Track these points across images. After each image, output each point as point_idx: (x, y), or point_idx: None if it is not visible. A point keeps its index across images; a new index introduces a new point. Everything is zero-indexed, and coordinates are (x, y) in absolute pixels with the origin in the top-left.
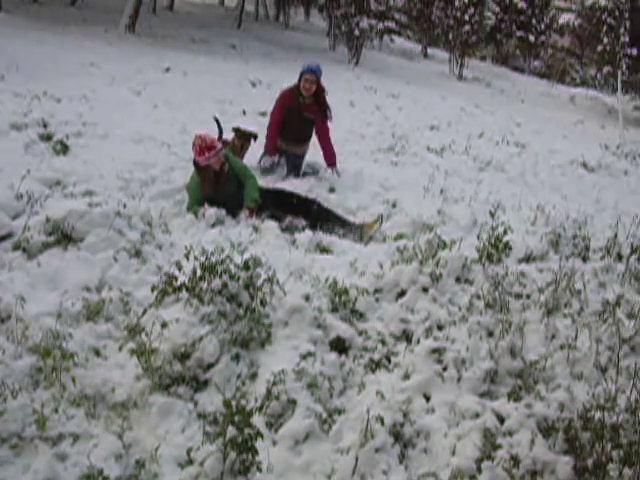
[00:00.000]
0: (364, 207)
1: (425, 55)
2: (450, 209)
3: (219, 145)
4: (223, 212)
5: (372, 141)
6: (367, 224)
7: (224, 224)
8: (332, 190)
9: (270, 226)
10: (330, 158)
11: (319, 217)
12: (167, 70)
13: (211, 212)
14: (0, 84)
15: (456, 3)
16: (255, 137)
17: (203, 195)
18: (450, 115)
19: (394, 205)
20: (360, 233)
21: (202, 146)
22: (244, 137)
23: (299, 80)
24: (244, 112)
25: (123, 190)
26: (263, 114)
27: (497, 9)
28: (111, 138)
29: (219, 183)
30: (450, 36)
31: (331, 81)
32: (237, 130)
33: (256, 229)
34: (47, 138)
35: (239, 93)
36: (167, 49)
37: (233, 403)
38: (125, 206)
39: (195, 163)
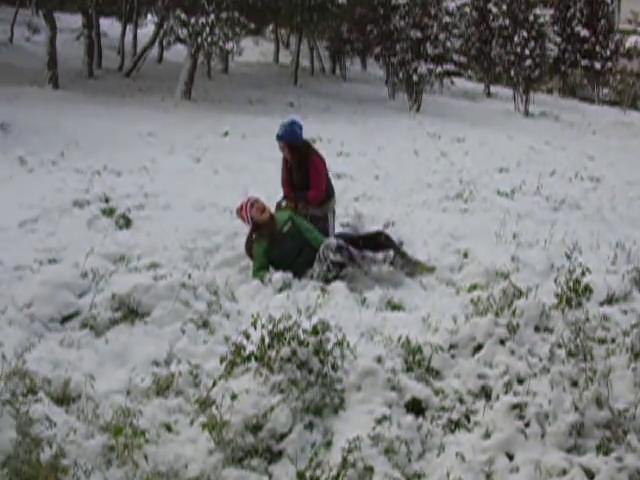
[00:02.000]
0: (435, 259)
1: (488, 94)
2: (524, 254)
3: (243, 201)
4: (289, 275)
5: (439, 189)
6: (423, 266)
7: (291, 287)
8: (400, 244)
9: (338, 287)
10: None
11: (384, 247)
12: (225, 134)
13: (277, 276)
14: (61, 161)
15: (515, 39)
16: None
17: (265, 253)
18: (519, 155)
19: (466, 255)
20: (414, 269)
21: (240, 214)
22: None
23: None
24: None
25: (187, 260)
26: None
27: (558, 39)
28: (173, 208)
29: (275, 239)
30: (512, 72)
31: (392, 130)
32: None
33: (324, 291)
34: (109, 213)
35: None
36: (224, 112)
37: (308, 474)
38: (190, 276)
39: (251, 228)
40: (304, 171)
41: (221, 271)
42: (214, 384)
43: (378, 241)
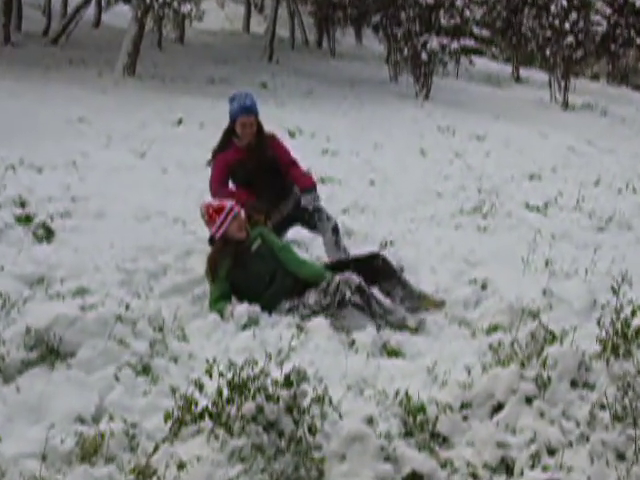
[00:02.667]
0: (444, 290)
1: (517, 79)
2: (559, 287)
3: (230, 204)
4: (257, 309)
5: (452, 200)
6: (429, 299)
7: (258, 324)
8: (401, 270)
9: (320, 324)
10: (302, 180)
11: (381, 274)
12: (179, 122)
13: (241, 309)
14: None
15: (552, 8)
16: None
17: (227, 277)
18: (555, 158)
19: (484, 286)
20: (417, 304)
21: (211, 213)
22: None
23: (232, 126)
24: None
25: (125, 285)
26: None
27: (608, 11)
28: (109, 217)
29: (240, 260)
30: (548, 52)
31: (393, 122)
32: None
33: (300, 329)
34: (26, 220)
35: None
36: (178, 94)
37: None
38: (128, 307)
39: (211, 240)
40: (269, 160)
41: (168, 300)
42: (156, 449)
43: (373, 266)
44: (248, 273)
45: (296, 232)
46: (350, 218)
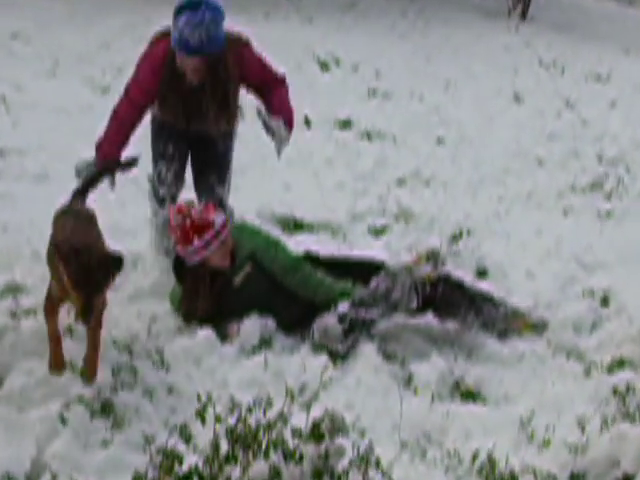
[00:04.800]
0: (547, 305)
1: None
2: None
3: (219, 220)
4: (271, 323)
5: (559, 170)
6: (524, 319)
7: (272, 347)
8: (482, 273)
9: (363, 350)
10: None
11: (443, 300)
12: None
13: (252, 325)
14: None
15: None
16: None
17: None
18: None
19: (605, 301)
20: (506, 325)
21: (187, 229)
22: None
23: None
24: (307, 121)
25: None
26: (345, 124)
27: None
28: (53, 180)
29: (224, 298)
30: None
31: (475, 51)
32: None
33: (335, 357)
34: None
35: (298, 82)
36: (157, 1)
37: None
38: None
39: (176, 260)
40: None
41: (140, 307)
42: None
43: (431, 293)
44: (229, 315)
45: None
46: (408, 193)
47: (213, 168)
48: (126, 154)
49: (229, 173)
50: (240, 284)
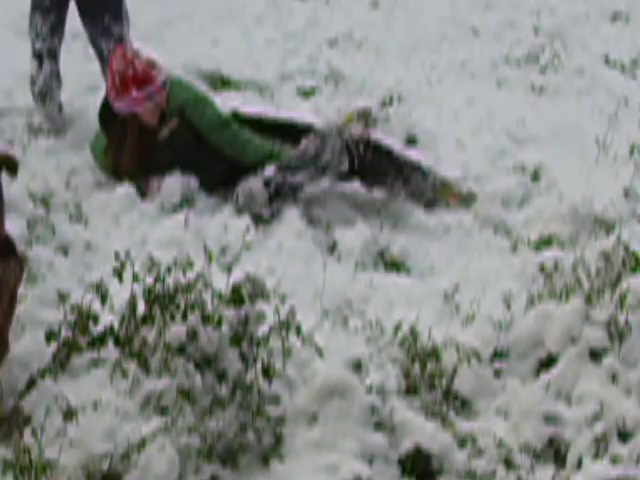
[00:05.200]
0: (476, 177)
1: None
2: None
3: (162, 77)
4: (193, 182)
5: (494, 42)
6: (451, 189)
7: (194, 206)
8: (411, 140)
9: (288, 215)
10: None
11: (371, 167)
12: None
13: (173, 182)
14: None
15: None
16: None
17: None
18: None
19: (536, 176)
20: (434, 194)
21: (126, 78)
22: None
23: None
24: None
25: None
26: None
27: None
28: None
29: (156, 154)
30: None
31: None
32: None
33: (259, 220)
34: None
35: None
36: None
37: None
38: None
39: (103, 110)
40: None
41: (58, 159)
42: (30, 385)
43: (357, 153)
44: (152, 170)
45: None
46: (340, 55)
47: (106, 7)
48: None
49: (124, 6)
50: (165, 138)
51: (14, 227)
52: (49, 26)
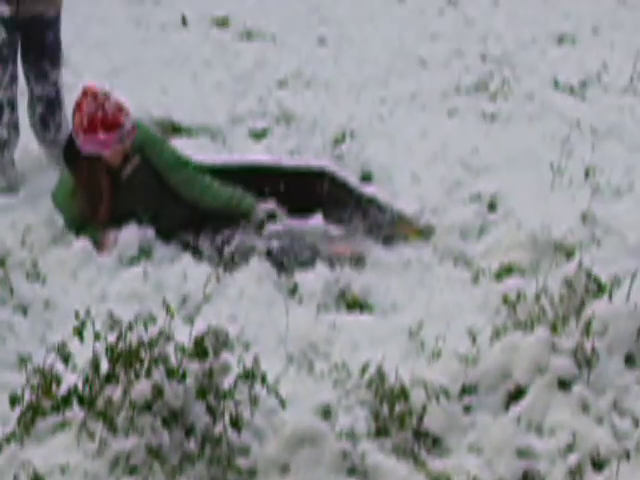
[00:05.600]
0: (433, 209)
1: None
2: (606, 210)
3: (129, 125)
4: (150, 232)
5: (443, 71)
6: (409, 224)
7: (152, 257)
8: (366, 177)
9: (247, 262)
10: None
11: (328, 201)
12: None
13: (130, 234)
14: None
15: None
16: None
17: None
18: (596, 12)
19: (492, 205)
20: (391, 231)
21: (95, 115)
22: None
23: None
24: (184, 20)
25: None
26: (223, 22)
27: None
28: None
29: (120, 192)
30: None
31: None
32: None
33: (218, 266)
34: None
35: None
36: None
37: None
38: None
39: (67, 149)
40: None
41: (13, 216)
42: None
43: (313, 189)
44: (115, 211)
45: None
46: (289, 95)
47: (45, 54)
48: None
49: (61, 56)
50: (128, 177)
51: None
52: (8, 75)
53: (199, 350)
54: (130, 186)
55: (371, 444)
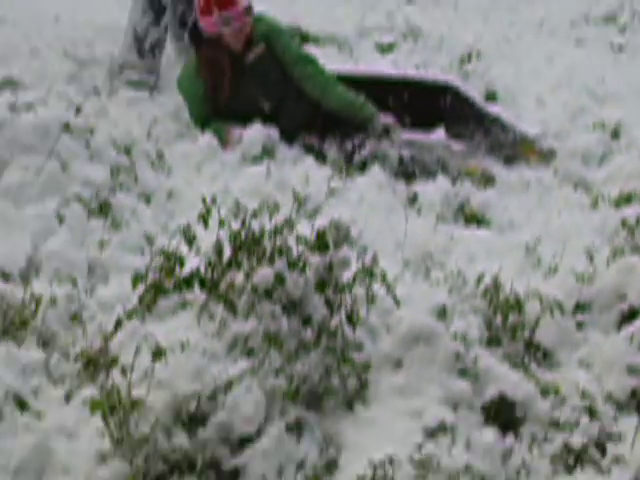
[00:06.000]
0: (556, 134)
1: None
2: None
3: (245, 2)
4: (274, 132)
5: (572, 1)
6: (531, 146)
7: (274, 157)
8: (491, 97)
9: (368, 169)
10: None
11: (451, 116)
12: None
13: (255, 133)
14: None
15: None
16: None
17: (213, 102)
18: None
19: (616, 133)
20: (513, 151)
21: None
22: None
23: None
24: None
25: (76, 81)
26: None
27: None
28: None
29: (236, 76)
30: None
31: None
32: None
33: (341, 170)
34: None
35: None
36: None
37: None
38: (79, 111)
39: (193, 32)
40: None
41: (141, 109)
42: (117, 326)
43: (436, 103)
44: (237, 97)
45: None
46: (418, 11)
47: None
48: None
49: None
50: (251, 63)
51: (97, 174)
52: None
53: (320, 243)
54: (253, 72)
55: (483, 350)
